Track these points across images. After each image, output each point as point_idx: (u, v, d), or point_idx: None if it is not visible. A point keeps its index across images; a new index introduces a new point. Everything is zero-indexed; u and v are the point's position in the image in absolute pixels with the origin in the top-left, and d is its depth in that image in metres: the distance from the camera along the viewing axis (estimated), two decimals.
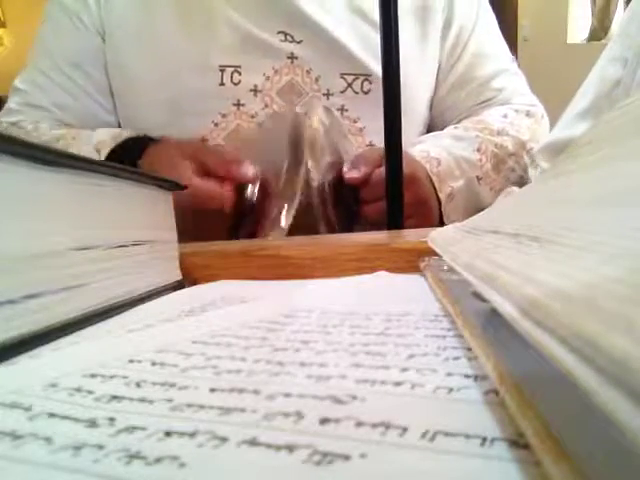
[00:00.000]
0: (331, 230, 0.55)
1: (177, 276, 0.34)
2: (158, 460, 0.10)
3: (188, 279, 0.35)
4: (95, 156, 0.57)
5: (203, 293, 0.31)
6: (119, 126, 0.70)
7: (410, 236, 0.38)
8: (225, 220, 0.53)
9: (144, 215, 0.31)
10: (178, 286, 0.33)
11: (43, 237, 0.22)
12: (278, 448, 0.10)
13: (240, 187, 0.54)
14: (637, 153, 0.17)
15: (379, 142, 0.66)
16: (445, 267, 0.27)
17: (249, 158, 0.54)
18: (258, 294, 0.28)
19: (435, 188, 0.61)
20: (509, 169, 0.68)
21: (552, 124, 0.69)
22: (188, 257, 0.35)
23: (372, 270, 0.32)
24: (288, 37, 0.64)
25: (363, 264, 0.34)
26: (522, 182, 0.69)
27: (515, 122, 0.70)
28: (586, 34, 2.96)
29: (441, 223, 0.62)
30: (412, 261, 0.32)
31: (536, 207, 0.23)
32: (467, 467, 0.09)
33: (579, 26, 3.01)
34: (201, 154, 0.54)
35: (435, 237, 0.31)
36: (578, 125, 0.62)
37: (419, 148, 0.63)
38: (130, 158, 0.55)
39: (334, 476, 0.09)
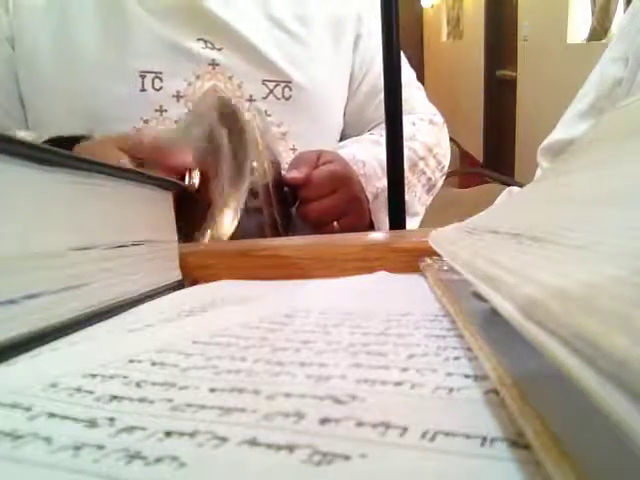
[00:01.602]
0: (275, 230, 0.56)
1: (177, 276, 0.34)
2: (158, 460, 0.10)
3: (188, 279, 0.35)
4: None
5: (203, 293, 0.31)
6: None
7: (410, 236, 0.38)
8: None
9: (144, 215, 0.31)
10: (178, 286, 0.33)
11: (43, 237, 0.22)
12: (278, 448, 0.10)
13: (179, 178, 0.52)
14: (637, 153, 0.17)
15: (301, 146, 0.69)
16: (445, 267, 0.27)
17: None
18: (258, 294, 0.28)
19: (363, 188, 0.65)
20: (420, 171, 0.74)
21: (552, 124, 0.69)
22: (188, 257, 0.35)
23: (372, 270, 0.32)
24: (208, 44, 0.66)
25: (363, 264, 0.34)
26: (430, 184, 0.77)
27: (422, 129, 0.77)
28: (586, 34, 2.96)
29: (370, 221, 0.67)
30: (412, 261, 0.32)
31: (536, 207, 0.23)
32: (467, 467, 0.09)
33: (579, 26, 3.01)
34: (135, 146, 0.52)
35: (435, 237, 0.31)
36: (579, 125, 0.62)
37: (345, 151, 0.66)
38: None
39: (334, 476, 0.09)
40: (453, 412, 0.11)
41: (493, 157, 4.30)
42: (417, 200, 0.74)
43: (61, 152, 0.23)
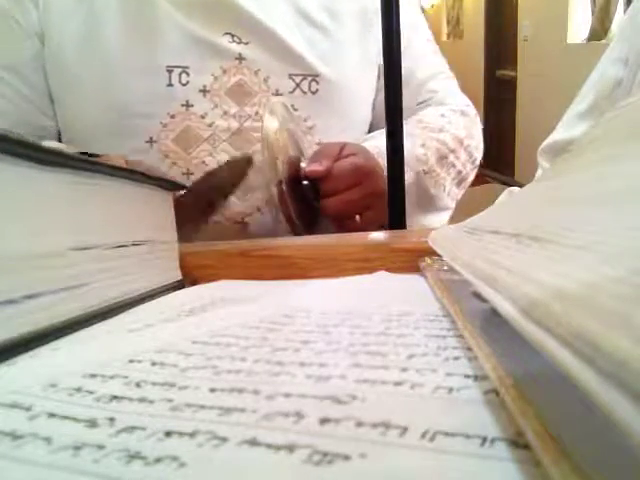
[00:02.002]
0: (292, 227, 0.56)
1: (177, 276, 0.34)
2: (158, 460, 0.10)
3: (188, 279, 0.35)
4: None
5: (203, 293, 0.31)
6: (59, 132, 0.69)
7: (410, 236, 0.38)
8: None
9: (144, 215, 0.31)
10: (178, 286, 0.33)
11: (43, 237, 0.22)
12: (278, 448, 0.10)
13: None
14: (637, 153, 0.17)
15: (327, 140, 0.68)
16: (445, 267, 0.27)
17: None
18: (258, 294, 0.28)
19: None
20: (450, 164, 0.72)
21: (552, 124, 0.69)
22: (188, 257, 0.35)
23: (372, 270, 0.32)
24: (235, 38, 0.66)
25: (363, 264, 0.34)
26: (461, 177, 0.74)
27: (452, 121, 0.74)
28: (586, 34, 2.96)
29: None
30: (412, 261, 0.32)
31: (536, 207, 0.23)
32: (467, 467, 0.09)
33: (579, 26, 3.01)
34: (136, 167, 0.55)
35: (435, 237, 0.31)
36: (579, 126, 0.62)
37: (371, 144, 0.65)
38: None
39: (334, 476, 0.09)
40: (453, 412, 0.11)
41: (493, 157, 4.30)
42: (446, 194, 0.72)
43: (61, 152, 0.23)
